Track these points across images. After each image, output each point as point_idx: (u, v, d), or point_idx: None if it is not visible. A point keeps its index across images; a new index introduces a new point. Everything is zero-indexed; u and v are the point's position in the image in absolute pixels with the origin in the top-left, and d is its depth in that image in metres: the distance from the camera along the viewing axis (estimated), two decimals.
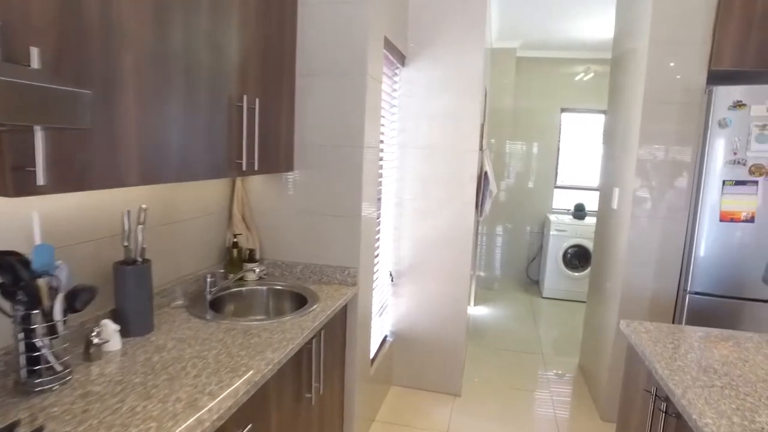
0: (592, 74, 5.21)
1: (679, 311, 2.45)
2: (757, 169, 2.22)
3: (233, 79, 1.55)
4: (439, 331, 2.86)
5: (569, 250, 4.83)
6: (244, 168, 1.63)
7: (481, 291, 4.94)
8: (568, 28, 4.27)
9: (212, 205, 2.03)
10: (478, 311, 4.49)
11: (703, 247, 2.33)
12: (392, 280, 2.86)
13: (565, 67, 5.20)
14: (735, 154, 2.25)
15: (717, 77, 2.33)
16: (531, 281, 5.46)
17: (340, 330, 2.04)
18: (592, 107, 5.19)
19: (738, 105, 2.22)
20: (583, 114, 5.28)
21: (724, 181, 2.27)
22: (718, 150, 2.27)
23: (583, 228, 4.77)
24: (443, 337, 2.86)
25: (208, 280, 1.81)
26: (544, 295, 4.93)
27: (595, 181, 5.36)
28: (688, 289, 2.38)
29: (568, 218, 4.99)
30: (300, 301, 1.91)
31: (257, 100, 1.67)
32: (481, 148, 2.85)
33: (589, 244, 4.74)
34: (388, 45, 2.35)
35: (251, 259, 2.09)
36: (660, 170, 2.42)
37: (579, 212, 4.97)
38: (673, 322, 2.50)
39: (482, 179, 2.97)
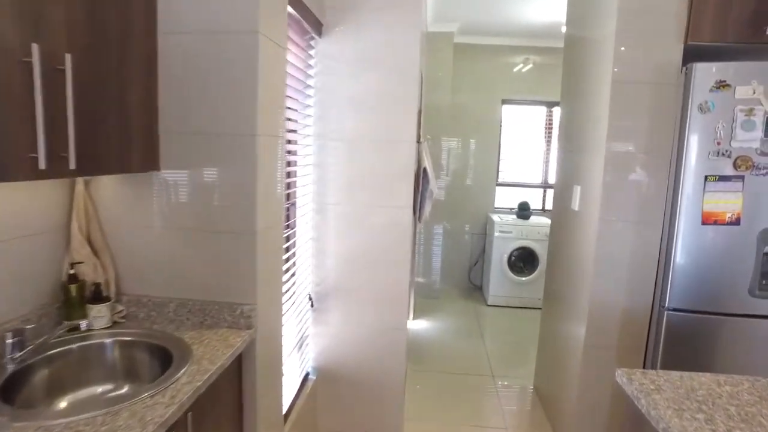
0: (530, 65, 4.89)
1: (655, 329, 2.07)
2: (743, 162, 1.87)
3: (13, 17, 0.93)
4: (372, 364, 2.33)
5: (514, 253, 4.47)
6: (42, 165, 1.00)
7: (420, 301, 4.48)
8: (510, 10, 3.88)
9: (40, 220, 1.38)
10: (418, 325, 4.02)
11: (682, 255, 1.95)
12: (313, 306, 2.29)
13: (506, 55, 4.84)
14: (718, 144, 1.88)
15: (693, 54, 1.96)
16: (474, 287, 5.08)
17: (230, 393, 1.45)
18: (538, 98, 4.87)
19: (721, 86, 1.85)
20: (526, 106, 4.95)
21: (706, 177, 1.90)
22: (699, 140, 1.89)
23: (529, 229, 4.42)
24: (378, 371, 2.33)
25: (9, 341, 1.17)
26: (489, 303, 4.55)
27: (539, 178, 5.06)
28: (666, 304, 2.00)
29: (512, 218, 4.63)
30: (164, 358, 1.30)
31: (68, 58, 1.05)
32: (418, 140, 2.34)
33: (535, 246, 4.40)
34: (297, 4, 1.78)
35: (98, 297, 1.45)
36: (631, 165, 2.02)
37: (523, 212, 4.63)
38: (647, 342, 2.12)
39: (420, 177, 2.47)
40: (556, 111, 4.87)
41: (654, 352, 2.06)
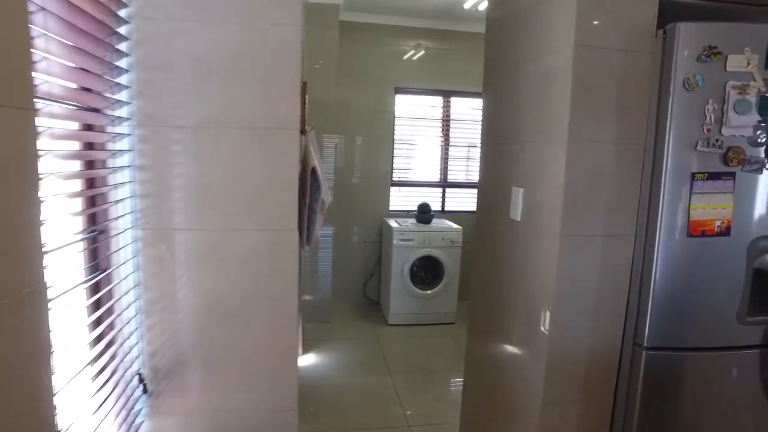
0: (422, 52, 4.39)
1: (628, 374, 1.58)
2: (735, 155, 1.44)
3: None
4: None
5: (417, 263, 3.93)
6: None
7: (309, 328, 3.73)
8: None
9: None
10: (308, 362, 3.27)
11: (662, 277, 1.48)
12: (146, 390, 1.45)
13: (398, 38, 4.28)
14: (708, 131, 1.43)
15: (671, 13, 1.49)
16: (371, 302, 4.46)
17: None
18: (435, 86, 4.37)
19: (712, 54, 1.40)
20: (422, 96, 4.44)
21: (693, 175, 1.44)
22: (685, 126, 1.43)
23: (432, 235, 3.91)
24: None
25: None
26: (390, 322, 3.95)
27: (438, 176, 4.59)
28: (644, 342, 1.52)
29: (412, 222, 4.09)
30: None
31: None
32: (303, 130, 1.60)
33: (440, 255, 3.89)
34: None
35: None
36: (599, 161, 1.50)
37: (424, 215, 4.11)
38: (617, 384, 1.63)
39: (308, 183, 1.73)
40: (457, 101, 4.44)
41: (628, 402, 1.58)
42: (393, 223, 4.06)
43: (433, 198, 4.49)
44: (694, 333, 1.53)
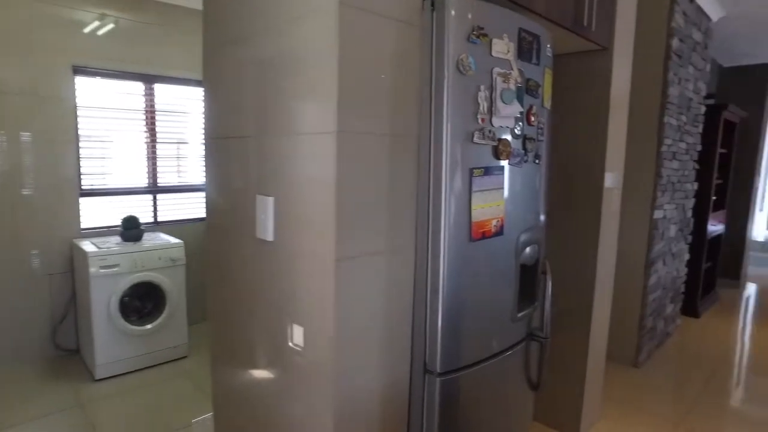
0: (111, 25, 3.44)
1: (421, 403, 1.35)
2: (504, 148, 1.34)
3: None
4: None
5: (128, 293, 3.05)
6: None
7: None
8: None
9: None
10: None
11: (449, 291, 1.29)
12: None
13: (76, 1, 3.20)
14: (482, 121, 1.28)
15: None
16: (67, 353, 3.30)
17: None
18: (136, 69, 3.45)
19: (481, 35, 1.25)
20: (119, 81, 3.45)
21: (471, 171, 1.28)
22: (461, 115, 1.25)
23: (145, 255, 3.08)
24: None
25: None
26: (98, 376, 2.96)
27: (146, 180, 3.70)
28: (436, 368, 1.31)
29: (115, 242, 3.16)
30: None
31: None
32: None
33: (159, 279, 3.11)
34: None
35: None
36: (373, 157, 1.19)
37: (131, 231, 3.22)
38: (409, 421, 1.38)
39: None
40: (163, 89, 3.63)
41: None
42: (88, 245, 3.05)
43: (141, 208, 3.61)
44: (483, 344, 1.41)
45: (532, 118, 1.42)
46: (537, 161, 1.48)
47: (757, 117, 5.04)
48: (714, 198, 4.09)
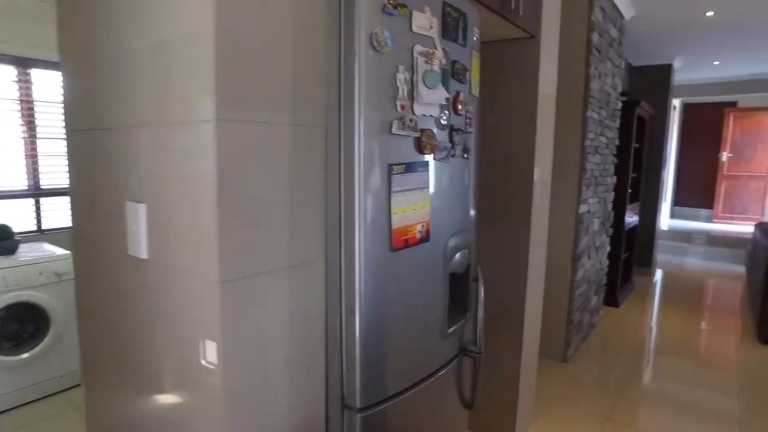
0: None
1: None
2: (428, 141, 1.15)
3: None
4: None
5: (1, 316, 2.57)
6: None
7: None
8: None
9: None
10: None
11: (367, 311, 1.08)
12: None
13: None
14: (402, 108, 1.08)
15: None
16: None
17: None
18: (5, 51, 2.92)
19: (398, 5, 1.04)
20: None
21: (391, 168, 1.07)
22: (377, 99, 1.04)
23: (21, 271, 2.61)
24: None
25: None
26: None
27: (27, 182, 3.18)
28: (356, 403, 1.10)
29: None
30: None
31: None
32: None
33: (40, 298, 2.65)
34: None
35: None
36: (266, 155, 0.95)
37: (2, 242, 2.73)
38: None
39: None
40: (44, 75, 3.12)
41: None
42: None
43: (19, 214, 3.09)
44: (411, 369, 1.21)
45: (460, 107, 1.25)
46: (465, 155, 1.31)
47: (662, 114, 5.30)
48: (630, 191, 4.22)
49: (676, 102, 8.00)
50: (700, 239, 7.63)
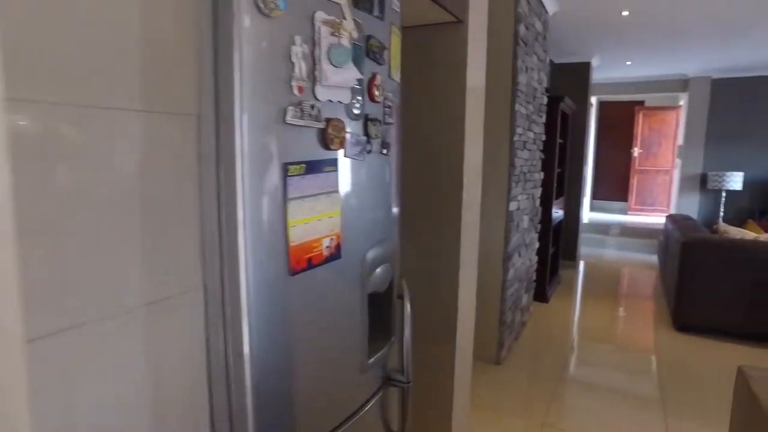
0: None
1: None
2: (335, 133, 0.91)
3: None
4: None
5: None
6: None
7: None
8: None
9: None
10: None
11: (259, 354, 0.84)
12: None
13: None
14: (300, 90, 0.84)
15: None
16: None
17: None
18: None
19: None
20: None
21: (286, 168, 0.83)
22: (265, 79, 0.79)
23: None
24: None
25: None
26: None
27: None
28: None
29: None
30: None
31: None
32: None
33: None
34: None
35: None
36: (101, 157, 0.68)
37: None
38: None
39: None
40: None
41: None
42: None
43: None
44: (324, 416, 0.98)
45: (377, 92, 1.03)
46: (385, 151, 1.10)
47: (582, 111, 5.44)
48: (555, 186, 4.25)
49: (593, 99, 8.34)
50: (616, 231, 8.02)
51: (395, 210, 1.20)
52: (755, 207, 6.53)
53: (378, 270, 1.11)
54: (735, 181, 6.41)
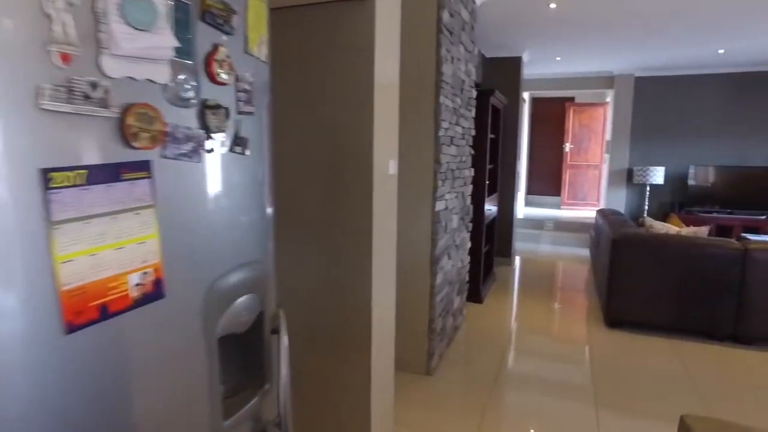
0: None
1: None
2: (141, 123, 0.65)
3: None
4: None
5: None
6: None
7: None
8: None
9: None
10: None
11: None
12: None
13: None
14: (65, 60, 0.56)
15: None
16: None
17: None
18: None
19: None
20: None
21: (47, 177, 0.55)
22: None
23: None
24: None
25: None
26: None
27: None
28: None
29: None
30: None
31: None
32: None
33: None
34: None
35: None
36: None
37: None
38: None
39: None
40: None
41: None
42: None
43: None
44: None
45: (219, 71, 0.77)
46: (239, 149, 0.84)
47: (514, 106, 5.39)
48: (487, 182, 4.13)
49: (525, 95, 8.42)
50: (550, 226, 8.15)
51: (266, 223, 0.95)
52: (675, 200, 6.80)
53: (238, 303, 0.85)
54: (657, 175, 6.64)
